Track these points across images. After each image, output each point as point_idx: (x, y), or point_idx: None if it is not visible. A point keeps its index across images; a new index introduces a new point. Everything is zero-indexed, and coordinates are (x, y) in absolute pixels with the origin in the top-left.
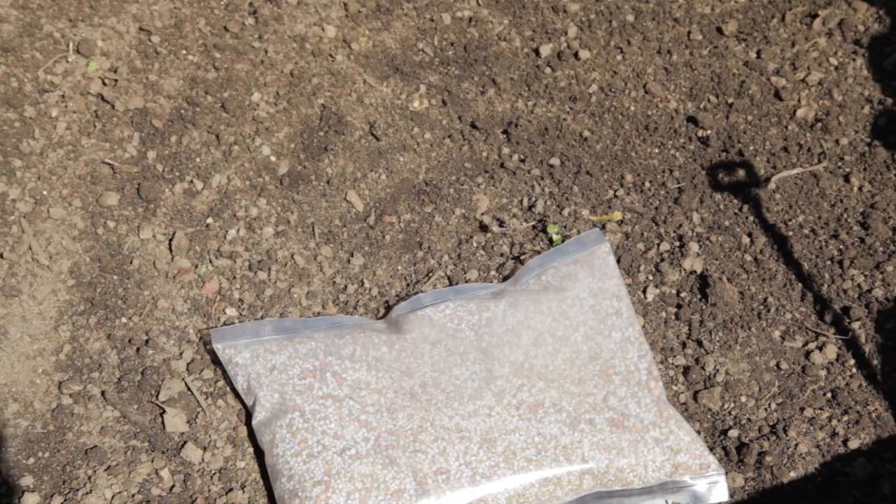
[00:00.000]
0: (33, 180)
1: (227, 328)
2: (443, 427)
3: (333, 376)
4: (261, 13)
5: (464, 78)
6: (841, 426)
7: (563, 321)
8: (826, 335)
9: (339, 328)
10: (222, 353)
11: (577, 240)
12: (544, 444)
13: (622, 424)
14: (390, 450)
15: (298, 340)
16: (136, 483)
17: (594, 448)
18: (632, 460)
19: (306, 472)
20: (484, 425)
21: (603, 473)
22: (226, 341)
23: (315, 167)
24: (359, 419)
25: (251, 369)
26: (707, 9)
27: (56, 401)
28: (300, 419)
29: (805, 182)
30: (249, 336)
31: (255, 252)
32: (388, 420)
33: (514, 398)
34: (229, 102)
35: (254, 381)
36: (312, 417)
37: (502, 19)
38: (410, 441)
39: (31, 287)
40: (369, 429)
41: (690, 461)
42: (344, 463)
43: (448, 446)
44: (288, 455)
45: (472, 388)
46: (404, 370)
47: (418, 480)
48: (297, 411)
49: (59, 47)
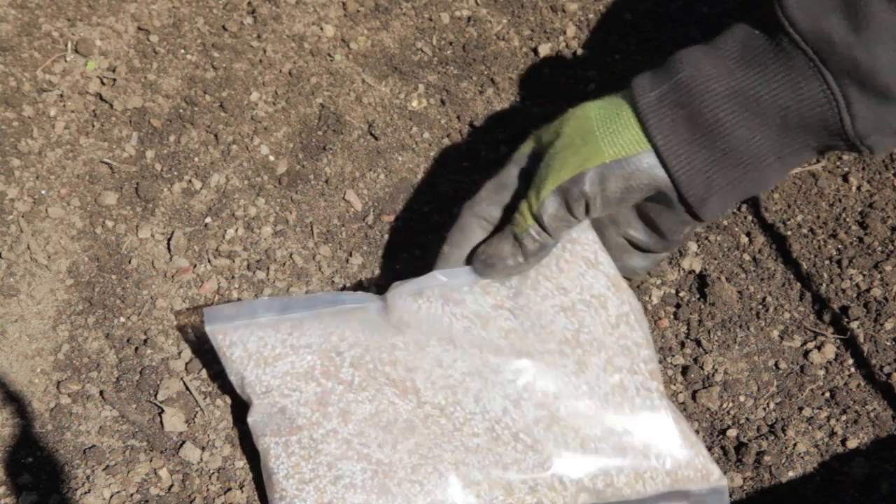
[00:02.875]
0: (32, 180)
1: (220, 307)
2: (441, 461)
3: (338, 413)
4: (259, 12)
5: (462, 77)
6: (839, 426)
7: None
8: (825, 335)
9: (341, 330)
10: (216, 340)
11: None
12: (545, 477)
13: (626, 445)
14: (386, 479)
15: (294, 351)
16: (134, 483)
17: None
18: (631, 467)
19: (297, 498)
20: (485, 461)
21: (600, 492)
22: (218, 323)
23: (314, 167)
24: (359, 452)
25: (244, 372)
26: (705, 8)
27: (54, 400)
28: (297, 444)
29: (803, 181)
30: (245, 317)
31: (253, 251)
32: (388, 453)
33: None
34: (228, 102)
35: (248, 385)
36: (311, 447)
37: (501, 19)
38: (408, 473)
39: (29, 286)
40: (368, 461)
41: (692, 473)
42: (337, 491)
43: (443, 480)
44: (280, 476)
45: (474, 420)
46: (407, 389)
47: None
48: (294, 436)
49: (58, 47)
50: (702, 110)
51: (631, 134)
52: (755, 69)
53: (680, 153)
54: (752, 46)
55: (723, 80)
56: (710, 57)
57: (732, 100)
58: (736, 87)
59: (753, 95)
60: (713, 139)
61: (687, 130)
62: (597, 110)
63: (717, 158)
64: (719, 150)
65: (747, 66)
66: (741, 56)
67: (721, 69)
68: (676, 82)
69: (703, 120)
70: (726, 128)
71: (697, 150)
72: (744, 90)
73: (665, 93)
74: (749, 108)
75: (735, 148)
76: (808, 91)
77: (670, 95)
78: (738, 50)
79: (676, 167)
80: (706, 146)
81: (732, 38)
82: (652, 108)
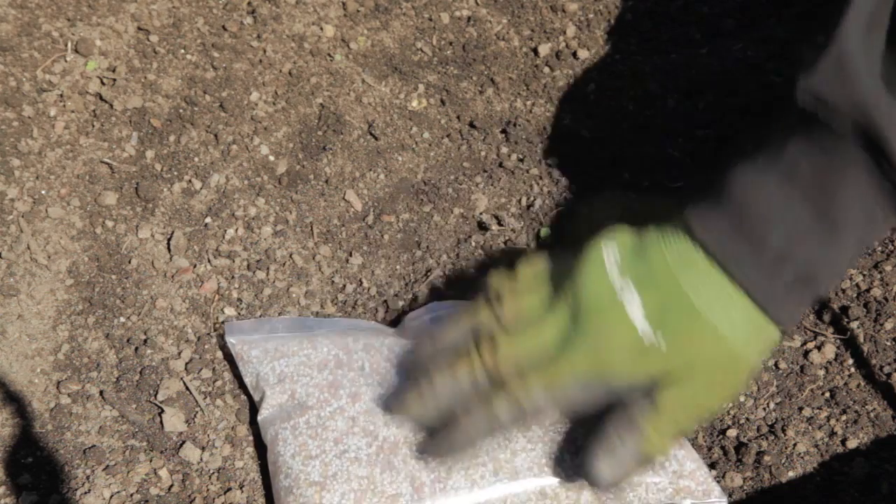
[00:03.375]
0: (32, 179)
1: (242, 322)
2: None
3: (347, 393)
4: (259, 12)
5: (462, 77)
6: (839, 426)
7: None
8: (824, 335)
9: (355, 332)
10: (234, 348)
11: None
12: (550, 464)
13: None
14: (391, 456)
15: (311, 344)
16: (134, 483)
17: None
18: (633, 480)
19: (302, 473)
20: (490, 443)
21: (603, 491)
22: (239, 335)
23: (313, 167)
24: (364, 430)
25: (260, 368)
26: (705, 8)
27: (54, 400)
28: (304, 425)
29: None
30: (265, 332)
31: (253, 251)
32: (394, 432)
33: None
34: (228, 102)
35: (262, 379)
36: (318, 425)
37: (501, 19)
38: (412, 449)
39: (29, 286)
40: (373, 438)
41: (693, 486)
42: (342, 465)
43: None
44: (287, 455)
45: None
46: None
47: (415, 487)
48: (303, 417)
49: (58, 47)
50: (818, 270)
51: (772, 333)
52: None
53: (796, 315)
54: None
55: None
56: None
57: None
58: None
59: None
60: (823, 287)
61: (801, 290)
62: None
63: (816, 295)
64: (820, 289)
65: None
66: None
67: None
68: (780, 257)
69: (820, 279)
70: (837, 274)
71: (806, 302)
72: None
73: (785, 274)
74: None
75: (834, 279)
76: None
77: (787, 272)
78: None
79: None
80: (812, 293)
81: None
82: (775, 300)
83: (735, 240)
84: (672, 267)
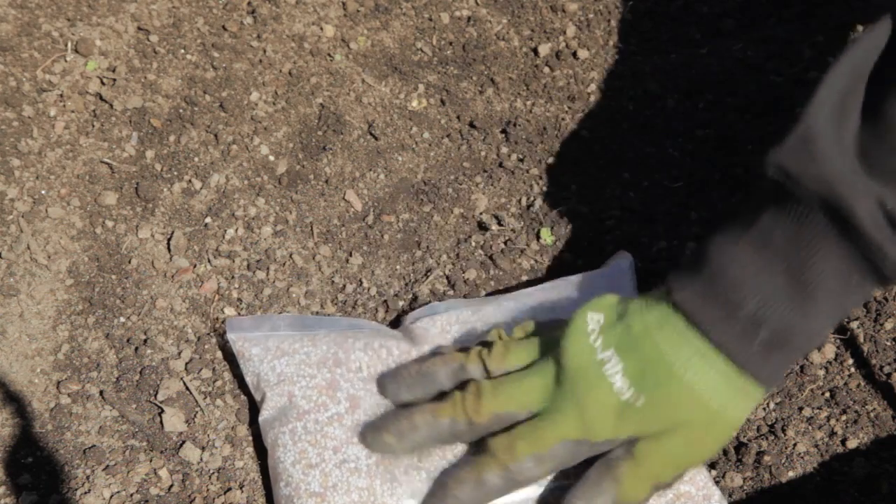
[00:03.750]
0: (32, 179)
1: (243, 319)
2: (451, 451)
3: (346, 396)
4: (259, 12)
5: (462, 77)
6: (839, 426)
7: None
8: None
9: (355, 332)
10: (235, 345)
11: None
12: (554, 474)
13: None
14: (392, 466)
15: (311, 342)
16: (134, 483)
17: None
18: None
19: (303, 483)
20: None
21: None
22: (240, 332)
23: (313, 167)
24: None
25: (261, 367)
26: (705, 7)
27: (54, 400)
28: (303, 430)
29: None
30: (266, 329)
31: (253, 251)
32: None
33: None
34: (228, 102)
35: (263, 379)
36: (317, 431)
37: (501, 19)
38: (415, 461)
39: (29, 286)
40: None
41: (693, 491)
42: (342, 475)
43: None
44: (287, 463)
45: None
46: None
47: (417, 499)
48: (300, 421)
49: (58, 46)
50: (792, 335)
51: (754, 393)
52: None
53: (776, 377)
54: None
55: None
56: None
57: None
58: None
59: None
60: (799, 352)
61: (777, 354)
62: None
63: (794, 358)
64: (796, 353)
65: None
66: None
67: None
68: (755, 320)
69: (794, 343)
70: (813, 340)
71: (785, 365)
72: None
73: (760, 338)
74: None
75: (810, 344)
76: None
77: (762, 337)
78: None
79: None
80: (789, 357)
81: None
82: (752, 361)
83: (711, 304)
84: (652, 330)
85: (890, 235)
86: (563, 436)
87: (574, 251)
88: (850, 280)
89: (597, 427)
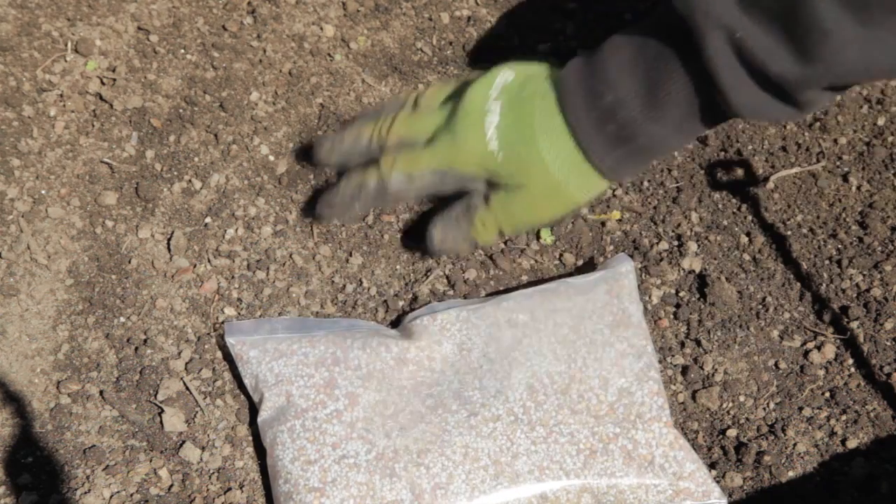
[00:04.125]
0: (31, 179)
1: (241, 323)
2: (449, 446)
3: (344, 394)
4: (259, 12)
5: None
6: (839, 426)
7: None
8: (824, 335)
9: (354, 332)
10: (234, 348)
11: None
12: (552, 467)
13: (632, 453)
14: (391, 462)
15: (309, 343)
16: (134, 482)
17: (601, 475)
18: (633, 482)
19: (301, 478)
20: (493, 446)
21: (603, 493)
22: (239, 336)
23: (313, 167)
24: (363, 437)
25: (259, 369)
26: None
27: (54, 400)
28: (301, 428)
29: (803, 181)
30: (264, 332)
31: (253, 251)
32: (394, 439)
33: (527, 420)
34: (228, 102)
35: (261, 381)
36: (315, 428)
37: (501, 18)
38: (413, 457)
39: (29, 286)
40: (372, 444)
41: (693, 487)
42: (341, 470)
43: (452, 465)
44: (286, 460)
45: (483, 410)
46: (414, 386)
47: (416, 494)
48: (299, 419)
49: (58, 46)
50: (636, 135)
51: (595, 178)
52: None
53: (619, 171)
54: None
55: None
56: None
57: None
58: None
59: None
60: (643, 154)
61: (621, 149)
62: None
63: (639, 161)
64: (640, 155)
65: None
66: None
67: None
68: (620, 121)
69: (638, 143)
70: (656, 146)
71: (628, 164)
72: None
73: (607, 129)
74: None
75: (654, 150)
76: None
77: (609, 129)
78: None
79: (612, 178)
80: (633, 157)
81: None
82: (595, 149)
83: (579, 88)
84: (535, 98)
85: (731, 67)
86: (433, 164)
87: (574, 251)
88: (693, 102)
89: (460, 164)
